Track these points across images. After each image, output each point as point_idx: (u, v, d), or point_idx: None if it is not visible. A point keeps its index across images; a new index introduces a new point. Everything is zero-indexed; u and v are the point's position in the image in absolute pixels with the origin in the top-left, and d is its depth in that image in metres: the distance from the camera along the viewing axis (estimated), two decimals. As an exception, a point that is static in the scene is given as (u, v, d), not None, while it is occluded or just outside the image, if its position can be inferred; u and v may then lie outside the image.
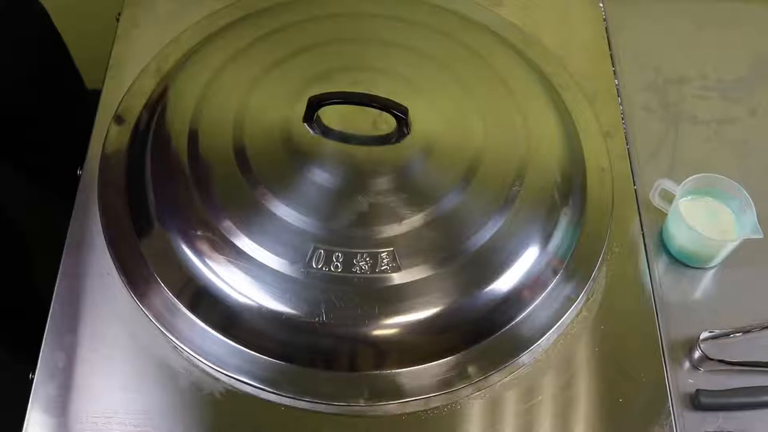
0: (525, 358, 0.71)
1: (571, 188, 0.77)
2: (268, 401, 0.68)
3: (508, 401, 0.70)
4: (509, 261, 0.71)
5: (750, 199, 0.77)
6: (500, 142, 0.76)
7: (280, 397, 0.68)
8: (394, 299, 0.68)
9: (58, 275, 0.74)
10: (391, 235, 0.70)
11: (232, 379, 0.68)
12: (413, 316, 0.68)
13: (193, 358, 0.69)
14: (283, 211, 0.70)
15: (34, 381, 0.69)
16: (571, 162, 0.79)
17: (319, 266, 0.68)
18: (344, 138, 0.75)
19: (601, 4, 0.97)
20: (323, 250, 0.69)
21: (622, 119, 0.87)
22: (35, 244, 1.11)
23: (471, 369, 0.69)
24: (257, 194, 0.71)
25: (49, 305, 0.73)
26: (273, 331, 0.68)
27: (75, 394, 0.69)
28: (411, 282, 0.68)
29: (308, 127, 0.74)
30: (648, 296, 0.76)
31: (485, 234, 0.71)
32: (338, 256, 0.68)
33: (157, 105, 0.80)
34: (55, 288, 0.74)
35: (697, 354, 0.73)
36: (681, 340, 0.74)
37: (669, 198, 0.80)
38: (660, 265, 0.79)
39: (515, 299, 0.71)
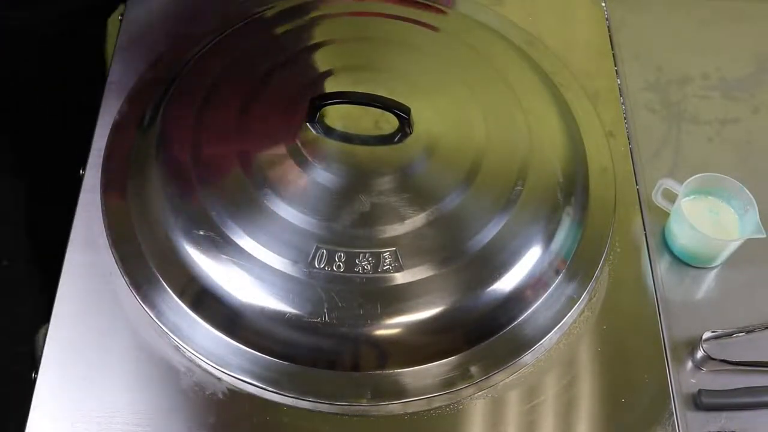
0: (527, 358, 0.71)
1: (574, 188, 0.77)
2: (271, 401, 0.68)
3: (510, 401, 0.70)
4: (512, 261, 0.71)
5: (752, 199, 0.77)
6: (502, 141, 0.76)
7: (282, 397, 0.68)
8: (397, 299, 0.68)
9: (61, 274, 0.74)
10: (393, 234, 0.70)
11: (234, 379, 0.68)
12: (416, 315, 0.68)
13: (195, 357, 0.69)
14: (286, 210, 0.70)
15: (37, 381, 0.69)
16: (573, 162, 0.79)
17: (322, 266, 0.68)
18: (346, 138, 0.75)
19: (603, 3, 0.97)
20: (326, 249, 0.69)
21: (624, 119, 0.87)
22: (38, 243, 1.10)
23: (473, 369, 0.69)
24: (260, 194, 0.71)
25: (52, 304, 0.73)
26: (275, 330, 0.68)
27: (77, 393, 0.69)
28: (413, 282, 0.68)
29: (311, 127, 0.74)
30: (650, 296, 0.76)
31: (488, 234, 0.71)
32: (341, 255, 0.68)
33: (160, 106, 0.80)
34: (58, 287, 0.74)
35: (699, 354, 0.72)
36: (683, 340, 0.74)
37: (671, 197, 0.80)
38: (662, 265, 0.79)
39: (518, 299, 0.71)
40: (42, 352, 0.70)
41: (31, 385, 0.69)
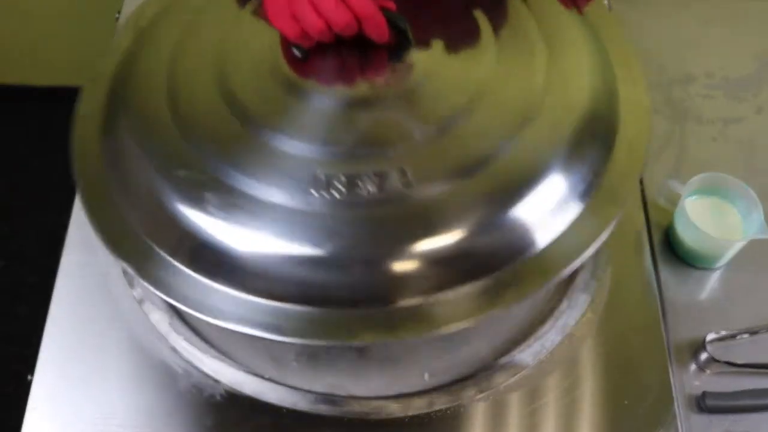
0: (529, 358, 0.70)
1: (599, 122, 0.66)
2: (269, 403, 0.68)
3: (512, 403, 0.69)
4: (529, 181, 0.62)
5: (756, 199, 0.76)
6: (517, 63, 0.66)
7: (284, 392, 0.67)
8: (407, 218, 0.60)
9: (58, 275, 0.74)
10: (398, 151, 0.61)
11: (232, 380, 0.68)
12: (430, 236, 0.59)
13: (194, 358, 0.69)
14: (280, 141, 0.62)
15: (33, 382, 0.69)
16: (601, 91, 0.68)
17: (324, 192, 0.60)
18: (336, 53, 0.64)
19: (606, 2, 0.97)
20: (327, 174, 0.60)
21: (627, 118, 0.86)
22: (35, 242, 1.10)
23: (500, 293, 0.60)
24: (250, 129, 0.62)
25: (48, 305, 0.72)
26: (283, 272, 0.59)
27: (73, 395, 0.68)
28: (424, 199, 0.60)
29: (295, 50, 0.65)
30: (653, 297, 0.75)
31: (504, 148, 0.62)
32: (343, 180, 0.60)
33: (132, 59, 0.71)
34: (55, 288, 0.73)
35: (703, 355, 0.72)
36: (687, 342, 0.74)
37: (675, 198, 0.79)
38: (666, 266, 0.79)
39: (539, 222, 0.61)
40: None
41: (28, 386, 0.69)
